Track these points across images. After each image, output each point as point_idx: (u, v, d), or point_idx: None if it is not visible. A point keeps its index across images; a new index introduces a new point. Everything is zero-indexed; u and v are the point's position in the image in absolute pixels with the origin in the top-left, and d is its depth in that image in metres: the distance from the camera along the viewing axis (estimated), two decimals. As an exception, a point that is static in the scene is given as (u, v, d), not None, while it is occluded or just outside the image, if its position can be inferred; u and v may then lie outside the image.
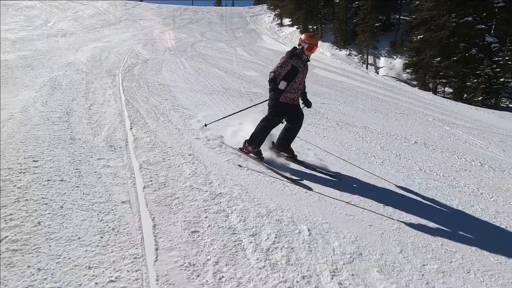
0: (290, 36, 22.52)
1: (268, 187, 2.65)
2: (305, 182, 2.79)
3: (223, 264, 1.66)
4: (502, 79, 10.07)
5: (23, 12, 22.43)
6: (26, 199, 2.06)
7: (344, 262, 1.77)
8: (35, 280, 1.42)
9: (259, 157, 3.18)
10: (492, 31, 11.33)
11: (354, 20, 14.83)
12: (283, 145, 3.36)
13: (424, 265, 1.84)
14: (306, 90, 3.35)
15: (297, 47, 3.12)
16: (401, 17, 16.37)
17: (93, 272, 1.51)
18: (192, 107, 5.31)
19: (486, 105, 10.03)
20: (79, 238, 1.75)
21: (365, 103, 8.03)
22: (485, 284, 1.75)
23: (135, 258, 1.63)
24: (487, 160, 4.39)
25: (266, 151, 3.39)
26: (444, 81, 11.42)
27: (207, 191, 2.44)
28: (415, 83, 12.32)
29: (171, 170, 2.76)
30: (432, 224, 2.31)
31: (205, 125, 3.98)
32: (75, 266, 1.54)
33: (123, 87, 6.18)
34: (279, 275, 1.62)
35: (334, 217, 2.26)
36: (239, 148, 3.37)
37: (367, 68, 14.22)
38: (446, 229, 2.28)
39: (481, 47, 10.69)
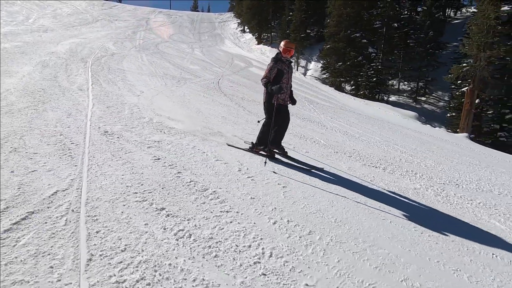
0: (248, 42, 26.36)
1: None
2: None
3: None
4: (375, 79, 14.34)
5: (4, 8, 24.79)
6: (44, 97, 5.45)
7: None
8: (57, 105, 4.86)
9: (271, 154, 3.87)
10: (383, 46, 15.64)
11: (287, 31, 19.03)
12: (275, 143, 3.89)
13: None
14: (292, 89, 4.02)
15: (278, 53, 3.75)
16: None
17: (73, 102, 4.95)
18: (134, 81, 8.73)
19: (368, 98, 14.13)
20: (69, 100, 5.17)
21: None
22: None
23: (86, 102, 5.09)
24: (306, 116, 8.13)
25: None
26: (342, 79, 15.65)
27: (119, 100, 5.91)
28: (327, 81, 16.44)
29: (108, 97, 6.21)
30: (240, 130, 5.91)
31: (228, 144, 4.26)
32: (68, 101, 4.98)
33: (91, 69, 9.50)
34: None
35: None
36: (249, 147, 4.10)
37: (297, 69, 18.27)
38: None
39: (365, 56, 14.95)
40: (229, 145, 4.24)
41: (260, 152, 3.96)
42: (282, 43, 3.77)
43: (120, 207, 2.26)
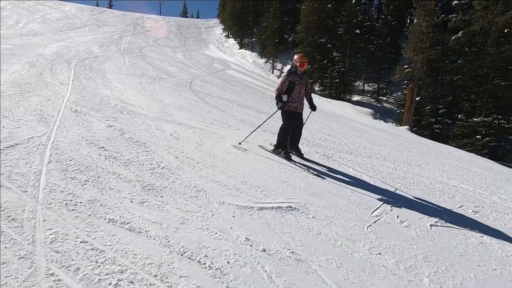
0: (231, 47, 27.87)
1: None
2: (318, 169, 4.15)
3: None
4: (338, 80, 15.98)
5: (-4, 13, 25.82)
6: (29, 88, 6.71)
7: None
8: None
9: (288, 157, 4.33)
10: (348, 51, 17.34)
11: (263, 37, 20.66)
12: (292, 146, 4.47)
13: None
14: (312, 97, 4.58)
15: (292, 66, 4.13)
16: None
17: (54, 92, 6.23)
18: (111, 79, 10.02)
19: (333, 97, 15.67)
20: (51, 90, 6.43)
21: (234, 87, 13.18)
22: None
23: (64, 93, 6.36)
24: (260, 109, 9.48)
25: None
26: (311, 80, 17.30)
27: (94, 92, 7.20)
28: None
29: (84, 89, 7.48)
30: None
31: (240, 143, 4.79)
32: (49, 91, 6.26)
33: (74, 69, 10.76)
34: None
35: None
36: (272, 149, 4.60)
37: (272, 72, 19.85)
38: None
39: (329, 59, 16.63)
40: (259, 146, 4.86)
41: (281, 153, 4.46)
42: (296, 57, 4.19)
43: (74, 145, 3.56)
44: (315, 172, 3.90)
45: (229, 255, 1.97)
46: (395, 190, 4.01)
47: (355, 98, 17.12)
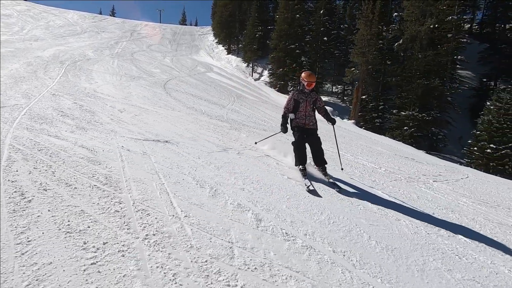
0: (220, 53, 30.05)
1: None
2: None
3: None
4: (304, 82, 17.88)
5: (2, 20, 28.43)
6: (23, 80, 8.72)
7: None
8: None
9: (303, 173, 4.10)
10: (316, 55, 19.25)
11: (244, 43, 22.79)
12: (316, 161, 4.38)
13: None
14: (327, 112, 4.51)
15: (300, 85, 4.26)
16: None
17: (42, 83, 8.22)
18: (95, 76, 12.07)
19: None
20: (40, 82, 8.43)
21: (207, 86, 15.15)
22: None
23: (50, 84, 8.35)
24: (220, 103, 11.38)
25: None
26: (283, 83, 19.29)
27: (75, 84, 9.18)
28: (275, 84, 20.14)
29: (68, 83, 9.49)
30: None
31: (256, 143, 5.43)
32: (38, 82, 8.25)
33: (65, 68, 12.85)
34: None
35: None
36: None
37: (252, 75, 21.88)
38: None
39: (298, 63, 18.62)
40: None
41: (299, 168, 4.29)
42: (304, 75, 4.21)
43: (43, 110, 5.48)
44: (312, 188, 3.81)
45: (106, 149, 3.82)
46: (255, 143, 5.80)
47: (323, 98, 18.97)
